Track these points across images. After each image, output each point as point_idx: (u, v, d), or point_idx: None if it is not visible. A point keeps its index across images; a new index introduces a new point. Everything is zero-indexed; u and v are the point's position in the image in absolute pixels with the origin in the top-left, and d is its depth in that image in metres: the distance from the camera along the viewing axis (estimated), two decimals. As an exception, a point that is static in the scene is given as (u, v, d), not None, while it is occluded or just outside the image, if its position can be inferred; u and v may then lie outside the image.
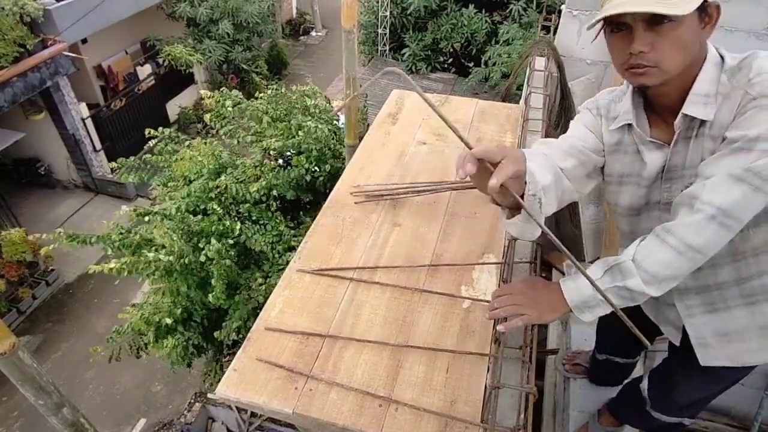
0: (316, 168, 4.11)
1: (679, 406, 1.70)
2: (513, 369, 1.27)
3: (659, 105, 1.23)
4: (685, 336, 1.45)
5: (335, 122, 4.62)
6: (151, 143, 4.51)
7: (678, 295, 1.36)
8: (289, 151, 4.17)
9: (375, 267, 1.67)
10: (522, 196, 1.10)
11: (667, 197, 1.28)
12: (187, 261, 3.56)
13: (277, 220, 4.02)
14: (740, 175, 1.05)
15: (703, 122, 1.16)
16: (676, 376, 1.63)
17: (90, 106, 9.31)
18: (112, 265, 3.52)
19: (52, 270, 7.92)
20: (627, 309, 1.15)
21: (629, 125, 1.27)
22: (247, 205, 3.95)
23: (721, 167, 1.08)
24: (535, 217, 1.02)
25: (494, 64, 5.27)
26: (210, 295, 3.62)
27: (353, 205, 1.92)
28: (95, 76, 9.99)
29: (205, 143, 4.38)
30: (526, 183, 1.11)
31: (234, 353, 1.42)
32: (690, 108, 1.16)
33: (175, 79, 11.14)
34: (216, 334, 3.88)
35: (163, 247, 3.54)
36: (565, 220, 3.32)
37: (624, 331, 1.12)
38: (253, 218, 3.98)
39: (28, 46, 7.31)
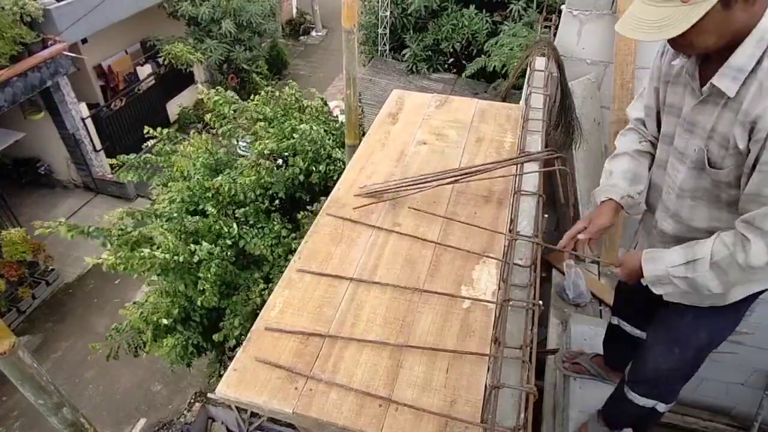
0: (312, 168, 4.12)
1: (649, 381, 1.82)
2: (513, 369, 1.27)
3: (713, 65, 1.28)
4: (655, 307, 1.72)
5: (332, 122, 4.62)
6: (150, 143, 4.51)
7: (662, 243, 1.59)
8: (285, 152, 4.18)
9: (375, 267, 1.67)
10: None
11: (683, 147, 1.41)
12: (182, 259, 3.55)
13: (275, 222, 4.01)
14: None
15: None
16: (646, 346, 1.83)
17: (90, 106, 9.31)
18: (107, 257, 3.52)
19: (52, 270, 7.91)
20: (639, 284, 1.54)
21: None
22: (244, 209, 3.95)
23: None
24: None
25: (496, 55, 5.26)
26: (200, 299, 3.60)
27: (353, 205, 1.92)
28: (95, 76, 9.99)
29: (200, 137, 4.37)
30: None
31: (236, 354, 1.42)
32: (718, 79, 1.23)
33: (175, 79, 11.13)
34: (215, 336, 3.88)
35: (159, 247, 3.54)
36: (566, 220, 3.32)
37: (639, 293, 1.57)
38: (251, 222, 3.97)
39: (28, 46, 7.30)
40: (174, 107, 11.38)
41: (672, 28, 1.12)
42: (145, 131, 4.41)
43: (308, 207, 4.18)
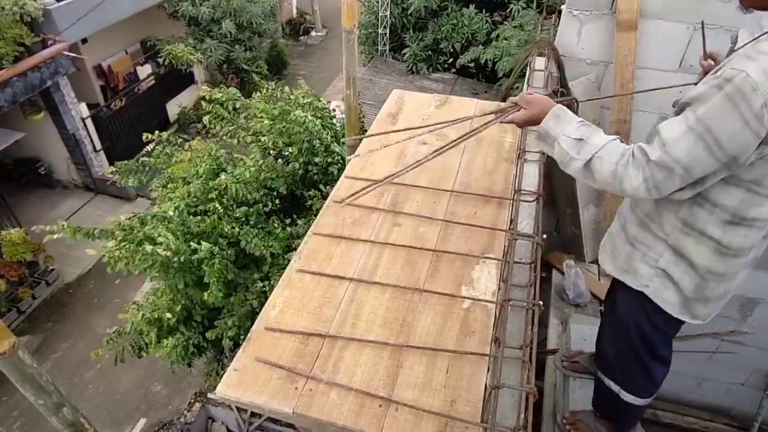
0: (309, 160, 4.14)
1: (605, 359, 1.87)
2: (513, 369, 1.27)
3: None
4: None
5: (331, 119, 4.67)
6: (149, 147, 4.50)
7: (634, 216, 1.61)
8: (281, 144, 4.21)
9: (375, 267, 1.67)
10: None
11: None
12: (183, 258, 3.56)
13: (274, 225, 4.04)
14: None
15: None
16: (600, 324, 1.96)
17: (90, 106, 9.30)
18: (112, 247, 3.54)
19: (52, 270, 7.91)
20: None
21: None
22: (244, 208, 3.96)
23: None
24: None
25: (492, 47, 5.27)
26: (206, 294, 3.62)
27: (353, 205, 1.92)
28: (95, 75, 9.98)
29: (202, 142, 4.38)
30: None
31: (236, 354, 1.42)
32: (742, 31, 1.28)
33: (175, 80, 11.13)
34: (207, 334, 3.89)
35: (160, 244, 3.55)
36: (565, 220, 3.32)
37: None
38: (252, 223, 3.99)
39: (28, 46, 7.31)
40: (174, 107, 11.37)
41: None
42: (144, 137, 4.40)
43: (320, 188, 4.19)
